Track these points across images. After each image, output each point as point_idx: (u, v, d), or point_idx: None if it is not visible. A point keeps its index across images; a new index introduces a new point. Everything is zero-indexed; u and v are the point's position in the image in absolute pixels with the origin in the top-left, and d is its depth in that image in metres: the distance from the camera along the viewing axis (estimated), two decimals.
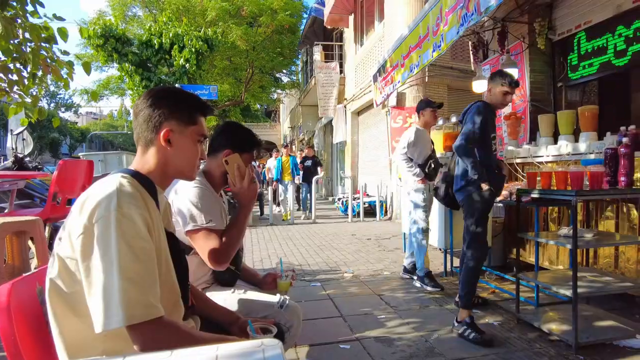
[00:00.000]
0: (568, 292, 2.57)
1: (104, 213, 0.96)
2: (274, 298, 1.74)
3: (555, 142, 3.97)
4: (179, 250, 1.27)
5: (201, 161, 1.28)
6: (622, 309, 3.11)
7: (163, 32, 12.70)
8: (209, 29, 13.13)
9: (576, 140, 3.77)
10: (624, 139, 2.87)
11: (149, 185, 1.14)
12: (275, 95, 24.12)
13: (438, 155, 4.95)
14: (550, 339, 2.68)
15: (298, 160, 10.09)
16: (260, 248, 5.93)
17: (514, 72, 4.51)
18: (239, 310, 1.65)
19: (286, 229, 7.86)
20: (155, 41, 12.68)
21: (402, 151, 3.91)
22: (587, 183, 2.68)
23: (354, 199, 9.71)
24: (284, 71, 18.95)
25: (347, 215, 9.30)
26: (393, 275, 4.35)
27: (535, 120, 4.41)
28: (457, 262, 4.60)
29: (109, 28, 12.28)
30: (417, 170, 3.85)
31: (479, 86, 5.09)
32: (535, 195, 2.86)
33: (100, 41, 12.10)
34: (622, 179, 2.66)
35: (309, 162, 9.89)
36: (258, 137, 1.85)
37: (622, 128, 3.22)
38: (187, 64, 12.77)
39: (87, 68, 3.13)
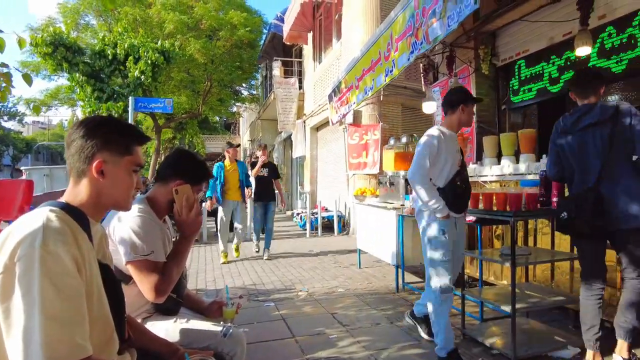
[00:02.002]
0: (508, 308, 2.70)
1: (27, 251, 0.93)
2: (218, 327, 1.72)
3: (499, 162, 4.20)
4: (114, 282, 1.24)
5: (137, 191, 1.26)
6: (558, 321, 3.31)
7: (118, 43, 12.35)
8: (167, 41, 12.90)
9: (517, 161, 4.00)
10: None
11: (81, 217, 1.11)
12: (235, 109, 23.93)
13: (390, 174, 5.12)
14: (492, 353, 2.80)
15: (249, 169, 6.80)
16: (214, 267, 5.80)
17: None
18: (181, 340, 1.62)
19: (242, 246, 7.74)
20: (109, 52, 12.29)
21: (423, 169, 2.62)
22: (525, 203, 2.87)
23: (313, 213, 9.75)
24: (244, 85, 18.87)
25: (306, 230, 9.30)
26: (347, 292, 4.39)
27: (481, 141, 4.65)
28: (409, 278, 4.73)
29: (59, 36, 11.79)
30: (440, 204, 2.60)
31: (429, 107, 5.31)
32: (477, 215, 3.00)
33: (48, 49, 11.57)
34: (554, 199, 2.87)
35: (264, 171, 6.61)
36: (209, 169, 1.84)
37: None
38: (143, 76, 12.46)
39: (28, 80, 2.98)
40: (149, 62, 12.26)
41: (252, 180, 6.60)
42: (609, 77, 3.94)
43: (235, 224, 6.39)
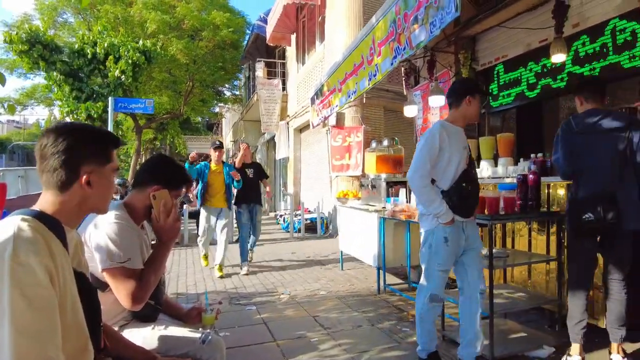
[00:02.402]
0: (486, 310, 2.76)
1: None
2: (197, 333, 1.70)
3: (478, 165, 4.28)
4: (89, 291, 1.22)
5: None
6: (535, 321, 3.39)
7: (98, 42, 12.12)
8: (148, 41, 12.72)
9: (496, 165, 4.09)
10: (533, 166, 3.18)
11: (55, 226, 1.09)
12: (217, 109, 23.74)
13: (372, 176, 5.16)
14: None
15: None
16: (195, 270, 5.74)
17: (440, 99, 4.83)
18: (159, 347, 1.60)
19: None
20: (88, 50, 12.06)
21: (422, 169, 2.43)
22: (503, 206, 2.93)
23: (296, 215, 9.75)
24: (226, 85, 18.74)
25: (289, 232, 9.29)
26: (329, 294, 4.40)
27: None
28: (390, 279, 4.77)
29: (36, 33, 11.50)
30: (442, 208, 2.40)
31: (410, 111, 5.38)
32: None
33: (24, 47, 11.29)
34: (530, 203, 2.94)
35: (249, 171, 5.67)
36: (188, 174, 1.83)
37: (532, 156, 3.56)
38: (123, 76, 12.26)
39: (1, 80, 2.90)
40: (130, 61, 12.07)
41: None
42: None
43: (218, 236, 5.44)
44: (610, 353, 2.63)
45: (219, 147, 5.53)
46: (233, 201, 6.51)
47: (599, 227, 2.51)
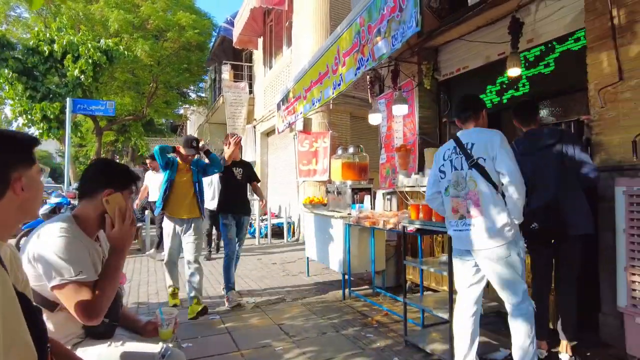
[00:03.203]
0: (446, 315, 2.84)
1: None
2: (156, 347, 1.66)
3: None
4: (29, 312, 1.16)
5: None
6: (494, 324, 3.50)
7: (55, 39, 11.60)
8: (110, 40, 12.30)
9: None
10: None
11: None
12: (182, 111, 23.24)
13: (337, 183, 5.21)
14: (433, 359, 2.92)
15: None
16: (157, 279, 5.59)
17: (403, 108, 4.94)
18: None
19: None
20: (44, 48, 11.53)
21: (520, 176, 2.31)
22: None
23: (262, 220, 9.67)
24: (192, 87, 18.40)
25: (255, 237, 9.21)
26: (295, 301, 4.40)
27: (423, 152, 4.85)
28: (355, 285, 4.82)
29: None
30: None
31: (374, 119, 5.47)
32: (417, 226, 3.13)
33: None
34: None
35: (237, 171, 4.57)
36: (135, 172, 1.79)
37: None
38: (83, 76, 11.80)
39: None
40: (90, 61, 11.64)
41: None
42: (539, 95, 4.27)
43: (186, 258, 4.01)
44: (559, 352, 2.80)
45: (195, 147, 4.05)
46: (210, 208, 6.38)
47: (549, 234, 2.72)
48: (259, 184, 5.14)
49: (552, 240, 2.85)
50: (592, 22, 3.25)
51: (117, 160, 24.93)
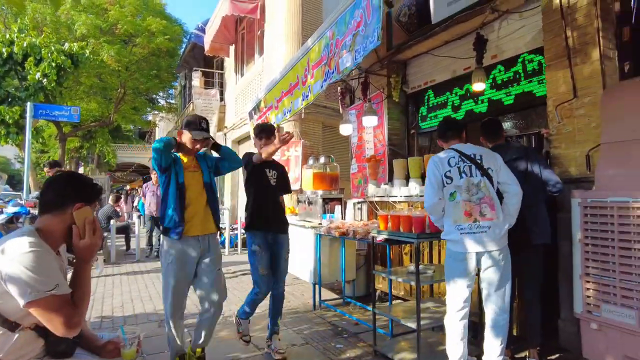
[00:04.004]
0: (414, 325, 2.89)
1: None
2: None
3: (408, 183, 4.50)
4: None
5: None
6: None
7: (15, 41, 11.14)
8: (75, 44, 11.92)
9: (423, 183, 4.31)
10: None
11: None
12: (151, 117, 22.75)
13: (309, 193, 5.22)
14: None
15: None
16: (122, 291, 5.42)
17: (373, 119, 5.03)
18: None
19: (154, 265, 7.34)
20: (3, 50, 11.05)
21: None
22: (429, 225, 3.10)
23: (232, 229, 9.56)
24: (161, 94, 18.04)
25: (225, 247, 9.08)
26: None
27: (392, 163, 4.93)
28: (326, 295, 4.83)
29: None
30: None
31: (345, 129, 5.55)
32: (385, 236, 3.18)
33: None
34: None
35: (273, 173, 3.39)
36: (99, 185, 1.79)
37: None
38: (45, 79, 11.36)
39: None
40: (54, 64, 11.23)
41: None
42: (502, 109, 4.43)
43: (205, 299, 2.87)
44: (526, 357, 2.89)
45: (206, 129, 2.80)
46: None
47: (515, 243, 2.80)
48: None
49: (517, 249, 2.95)
50: (550, 42, 3.42)
51: (82, 168, 24.11)
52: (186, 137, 2.73)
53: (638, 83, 2.72)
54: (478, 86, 4.07)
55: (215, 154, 3.02)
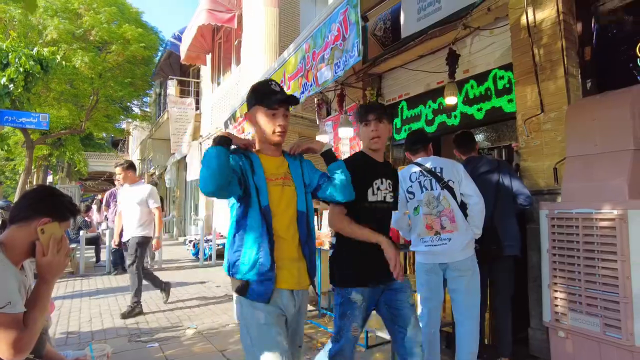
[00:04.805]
0: (388, 336, 2.89)
1: None
2: None
3: None
4: None
5: None
6: None
7: None
8: (46, 49, 11.58)
9: None
10: None
11: None
12: (124, 125, 22.26)
13: None
14: None
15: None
16: (90, 304, 5.23)
17: (349, 130, 5.08)
18: None
19: (125, 278, 7.11)
20: None
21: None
22: (398, 237, 3.15)
23: (207, 240, 9.40)
24: (135, 102, 17.67)
25: (199, 258, 8.91)
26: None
27: None
28: None
29: None
30: None
31: (322, 140, 5.56)
32: None
33: None
34: None
35: (384, 184, 2.14)
36: (77, 205, 1.72)
37: None
38: (12, 85, 10.97)
39: None
40: (22, 69, 10.85)
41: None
42: (474, 122, 4.55)
43: None
44: None
45: (287, 99, 1.82)
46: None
47: (486, 254, 2.89)
48: None
49: (487, 260, 3.02)
50: (518, 59, 3.56)
51: (52, 176, 23.30)
52: (261, 117, 1.76)
53: (599, 100, 2.85)
54: (450, 100, 4.18)
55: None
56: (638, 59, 3.16)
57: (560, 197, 3.05)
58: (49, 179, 22.67)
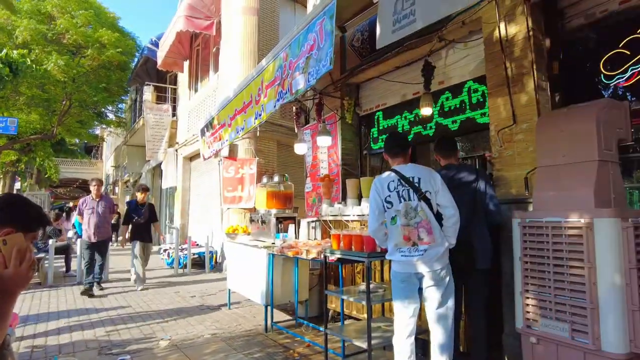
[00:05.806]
0: (365, 345, 2.90)
1: None
2: None
3: (360, 203, 4.57)
4: None
5: None
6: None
7: None
8: (15, 51, 11.24)
9: None
10: None
11: None
12: (98, 131, 21.74)
13: (262, 211, 5.18)
14: None
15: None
16: (58, 315, 5.04)
17: (327, 139, 5.10)
18: None
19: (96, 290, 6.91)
20: None
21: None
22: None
23: (182, 249, 9.23)
24: (110, 108, 17.28)
25: (173, 268, 8.73)
26: (214, 337, 4.20)
27: (345, 182, 5.01)
28: (278, 316, 4.75)
29: None
30: None
31: (300, 148, 5.58)
32: (338, 255, 3.20)
33: None
34: None
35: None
36: (47, 216, 1.64)
37: None
38: None
39: None
40: None
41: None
42: (449, 133, 4.64)
43: None
44: None
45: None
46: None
47: (460, 265, 2.91)
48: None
49: (461, 270, 3.06)
50: (491, 71, 3.66)
51: (19, 183, 22.47)
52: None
53: (566, 113, 2.95)
54: (426, 110, 4.25)
55: None
56: (602, 74, 3.30)
57: (531, 206, 3.13)
58: (17, 185, 21.86)
